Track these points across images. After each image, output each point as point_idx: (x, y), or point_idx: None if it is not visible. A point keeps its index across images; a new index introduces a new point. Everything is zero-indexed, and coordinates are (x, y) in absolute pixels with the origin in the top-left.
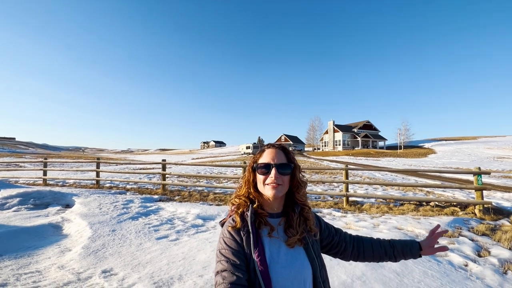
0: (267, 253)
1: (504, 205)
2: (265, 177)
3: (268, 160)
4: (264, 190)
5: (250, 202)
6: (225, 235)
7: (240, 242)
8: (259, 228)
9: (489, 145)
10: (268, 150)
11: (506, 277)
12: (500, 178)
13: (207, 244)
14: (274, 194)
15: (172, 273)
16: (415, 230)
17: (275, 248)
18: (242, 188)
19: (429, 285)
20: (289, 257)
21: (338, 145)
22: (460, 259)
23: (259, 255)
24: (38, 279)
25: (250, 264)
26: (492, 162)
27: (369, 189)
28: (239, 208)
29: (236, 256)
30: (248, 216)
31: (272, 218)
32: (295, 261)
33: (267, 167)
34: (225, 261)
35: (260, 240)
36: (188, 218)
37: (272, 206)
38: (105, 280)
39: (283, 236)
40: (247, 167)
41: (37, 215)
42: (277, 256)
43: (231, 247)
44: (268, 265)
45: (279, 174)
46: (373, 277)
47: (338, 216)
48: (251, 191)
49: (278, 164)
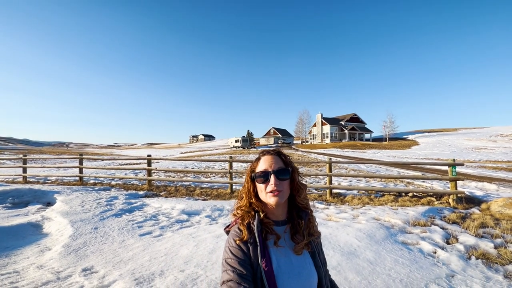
0: (274, 263)
1: (476, 194)
2: (265, 186)
3: (265, 168)
4: (267, 199)
5: (254, 212)
6: (231, 244)
7: (247, 251)
8: (265, 238)
9: (468, 137)
10: (264, 158)
11: (470, 262)
12: (476, 168)
13: (191, 239)
14: (277, 201)
15: (154, 269)
16: (392, 220)
17: (282, 258)
18: (244, 199)
19: (399, 272)
20: (297, 266)
21: (326, 137)
22: (430, 246)
23: (266, 266)
24: (15, 280)
25: (257, 274)
26: (470, 152)
27: (353, 181)
28: (244, 220)
29: (242, 266)
30: (255, 226)
31: (277, 226)
32: (303, 270)
33: (265, 175)
34: (231, 271)
35: (267, 250)
36: (172, 213)
37: (276, 213)
38: (85, 279)
39: (290, 243)
40: (245, 177)
41: (16, 214)
42: (284, 265)
43: (237, 257)
44: (275, 276)
45: (279, 180)
46: (347, 266)
47: (320, 208)
48: (252, 201)
49: (276, 170)
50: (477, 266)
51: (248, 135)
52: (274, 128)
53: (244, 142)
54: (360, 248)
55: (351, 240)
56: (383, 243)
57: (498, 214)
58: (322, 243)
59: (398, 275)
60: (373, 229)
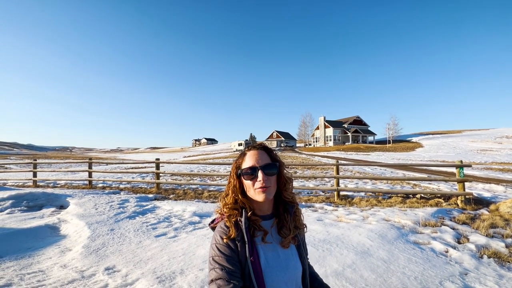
0: (262, 259)
1: (484, 196)
2: (252, 182)
3: (252, 163)
4: (255, 195)
5: (241, 209)
6: (218, 241)
7: (234, 248)
8: (253, 235)
9: (473, 138)
10: (250, 153)
11: (482, 261)
12: (482, 170)
13: (206, 240)
14: (265, 197)
15: (174, 268)
16: (401, 221)
17: (270, 253)
18: (229, 196)
19: (413, 270)
20: (283, 260)
21: (329, 140)
22: (442, 246)
23: (254, 262)
24: (42, 278)
25: (245, 270)
26: (475, 154)
27: (359, 183)
28: (231, 216)
29: (230, 263)
30: (243, 223)
31: (265, 220)
32: (289, 263)
33: (253, 171)
34: (220, 269)
35: (255, 247)
36: (184, 215)
37: (263, 209)
38: (109, 277)
39: (277, 238)
40: (230, 174)
41: (32, 216)
42: (272, 260)
43: (225, 254)
44: (263, 271)
45: (267, 175)
46: (362, 265)
47: (329, 210)
48: (238, 198)
49: (264, 165)
50: (489, 264)
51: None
52: (277, 132)
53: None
54: (373, 247)
55: (363, 240)
56: (395, 243)
57: (507, 215)
58: (335, 242)
59: (413, 273)
60: (384, 230)
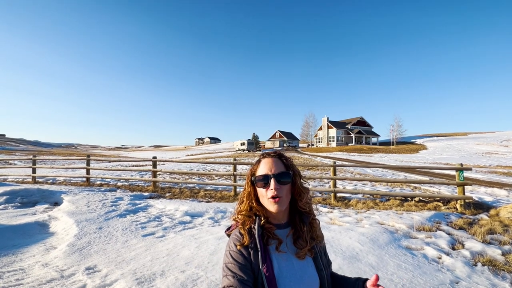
0: (275, 267)
1: (486, 200)
2: (265, 190)
3: (265, 171)
4: (268, 205)
5: (255, 216)
6: (232, 249)
7: (247, 256)
8: (267, 243)
9: (478, 141)
10: (264, 160)
11: (476, 268)
12: (486, 173)
13: (193, 240)
14: (277, 208)
15: (155, 269)
16: (396, 224)
17: (283, 262)
18: (244, 203)
19: (401, 277)
20: (298, 271)
21: (332, 141)
22: (434, 252)
23: (267, 271)
24: (21, 277)
25: (258, 279)
26: (480, 157)
27: (358, 185)
28: (245, 224)
29: (243, 271)
30: (256, 230)
31: (279, 229)
32: (304, 274)
33: (265, 179)
34: (232, 276)
35: (268, 255)
36: (176, 215)
37: (277, 217)
38: (88, 277)
39: (292, 248)
40: (245, 181)
41: (24, 213)
42: (286, 270)
43: (238, 262)
44: (276, 281)
45: (279, 184)
46: (348, 270)
47: (324, 212)
48: (253, 205)
49: (277, 174)
50: (483, 272)
51: (254, 138)
52: (280, 131)
53: (249, 145)
54: (362, 252)
55: (353, 244)
56: (386, 248)
57: (507, 220)
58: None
59: (400, 280)
60: (377, 234)
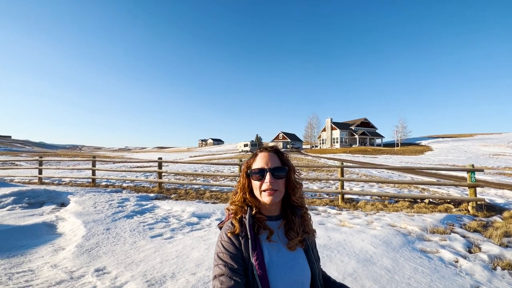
0: (266, 257)
1: (497, 202)
2: (260, 183)
3: (261, 165)
4: (261, 197)
5: (247, 207)
6: (223, 239)
7: (238, 246)
8: (258, 233)
9: (485, 142)
10: (261, 154)
11: (495, 272)
12: (494, 175)
13: (201, 242)
14: (271, 200)
15: (165, 271)
16: (408, 227)
17: (274, 252)
18: (238, 194)
19: (419, 281)
20: (289, 261)
21: (336, 142)
22: (451, 255)
23: (258, 259)
24: (30, 278)
25: (249, 268)
26: (487, 159)
27: (365, 186)
28: (237, 214)
29: (234, 260)
30: (247, 219)
31: (271, 221)
32: (295, 264)
33: (261, 172)
34: (223, 265)
35: (259, 244)
36: (183, 216)
37: (270, 209)
38: (97, 279)
39: (284, 239)
40: (241, 173)
41: (31, 214)
42: (276, 260)
43: (229, 251)
44: (267, 269)
45: (274, 178)
46: (364, 274)
47: (333, 214)
48: (247, 197)
49: (272, 168)
50: (503, 277)
51: (257, 140)
52: (283, 133)
53: (252, 147)
54: (376, 255)
55: (366, 247)
56: (400, 251)
57: None
58: (337, 249)
59: (419, 285)
60: (389, 236)
